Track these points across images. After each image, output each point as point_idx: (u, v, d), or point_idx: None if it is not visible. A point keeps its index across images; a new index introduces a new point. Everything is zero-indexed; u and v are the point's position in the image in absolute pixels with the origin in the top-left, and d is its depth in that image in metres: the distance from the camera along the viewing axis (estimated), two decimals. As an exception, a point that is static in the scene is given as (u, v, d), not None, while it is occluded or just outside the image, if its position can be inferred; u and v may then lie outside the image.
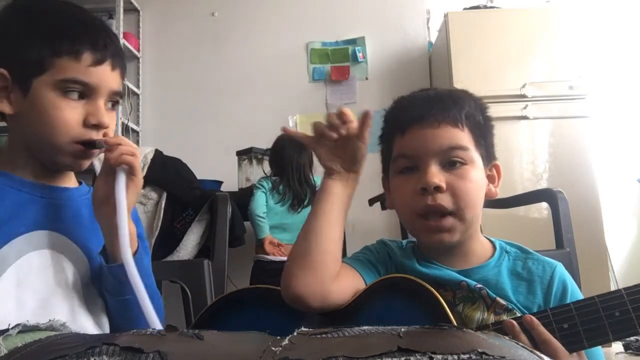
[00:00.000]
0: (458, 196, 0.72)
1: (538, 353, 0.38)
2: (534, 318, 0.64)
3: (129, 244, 0.73)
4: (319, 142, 0.78)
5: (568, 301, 0.73)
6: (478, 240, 0.80)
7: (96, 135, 0.76)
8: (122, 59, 0.81)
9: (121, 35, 3.00)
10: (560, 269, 0.77)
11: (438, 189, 0.71)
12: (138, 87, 3.24)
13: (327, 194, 0.76)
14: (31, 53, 0.73)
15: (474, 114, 0.77)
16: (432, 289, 0.66)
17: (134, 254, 0.75)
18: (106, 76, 0.77)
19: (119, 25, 3.01)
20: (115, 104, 0.82)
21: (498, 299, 0.72)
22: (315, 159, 2.61)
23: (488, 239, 0.82)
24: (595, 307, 0.63)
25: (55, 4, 0.79)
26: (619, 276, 2.82)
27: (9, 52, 0.75)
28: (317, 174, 2.50)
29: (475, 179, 0.74)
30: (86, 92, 0.76)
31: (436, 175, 0.72)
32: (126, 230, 0.73)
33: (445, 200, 0.72)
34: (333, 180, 0.77)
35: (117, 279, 0.76)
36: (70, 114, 0.74)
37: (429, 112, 0.75)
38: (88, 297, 0.79)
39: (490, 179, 0.80)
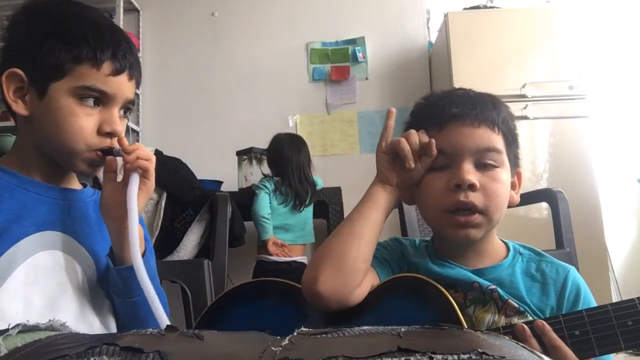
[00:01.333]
0: (489, 197, 0.72)
1: (538, 353, 0.38)
2: (545, 323, 0.63)
3: (139, 246, 0.73)
4: (389, 152, 0.77)
5: (581, 305, 0.73)
6: (493, 241, 0.80)
7: (110, 143, 0.77)
8: (139, 70, 0.82)
9: (121, 35, 3.00)
10: (574, 273, 0.77)
11: (472, 187, 0.72)
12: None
13: (374, 200, 0.76)
14: (50, 57, 0.73)
15: (508, 120, 0.78)
16: (443, 290, 0.66)
17: (142, 256, 0.75)
18: (123, 86, 0.78)
19: (119, 25, 3.01)
20: (127, 110, 0.82)
21: (510, 300, 0.72)
22: (313, 158, 2.60)
23: (502, 240, 0.83)
24: (607, 315, 0.62)
25: (77, 8, 0.79)
26: (619, 276, 2.82)
27: (27, 53, 0.74)
28: (315, 173, 2.50)
29: (505, 182, 0.75)
30: (102, 99, 0.76)
31: (471, 173, 0.72)
32: (136, 233, 0.73)
33: (476, 198, 0.72)
34: (383, 189, 0.77)
35: (125, 281, 0.77)
36: (85, 122, 0.74)
37: (471, 111, 0.75)
38: (95, 298, 0.79)
39: (512, 185, 0.80)
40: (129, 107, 0.82)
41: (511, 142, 0.78)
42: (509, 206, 0.79)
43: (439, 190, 0.74)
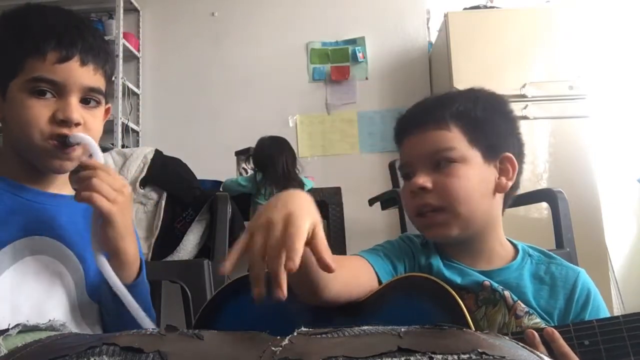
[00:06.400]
0: (445, 193, 0.74)
1: (538, 353, 0.38)
2: (555, 331, 0.63)
3: (120, 283, 0.73)
4: None
5: (590, 308, 0.73)
6: (500, 242, 0.80)
7: (67, 131, 0.74)
8: (97, 54, 0.77)
9: (121, 35, 2.99)
10: (584, 276, 0.77)
11: (423, 189, 0.75)
12: (138, 87, 3.24)
13: None
14: (5, 57, 0.74)
15: (468, 111, 0.77)
16: (453, 292, 0.64)
17: (137, 277, 0.76)
18: (74, 73, 0.75)
19: (119, 25, 3.01)
20: (94, 101, 0.79)
21: (520, 302, 0.72)
22: (299, 157, 2.58)
23: (510, 241, 0.82)
24: (619, 327, 0.62)
25: (39, 8, 0.78)
26: (619, 276, 2.82)
27: None
28: (306, 175, 2.47)
29: (466, 176, 0.74)
30: (55, 90, 0.74)
31: (421, 178, 0.75)
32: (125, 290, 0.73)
33: (432, 198, 0.75)
34: None
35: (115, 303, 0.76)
36: (39, 112, 0.73)
37: (415, 119, 0.80)
38: (83, 303, 0.79)
39: (502, 172, 0.78)
40: (94, 96, 0.78)
41: (477, 132, 0.77)
42: (500, 192, 0.78)
43: (406, 198, 0.79)
